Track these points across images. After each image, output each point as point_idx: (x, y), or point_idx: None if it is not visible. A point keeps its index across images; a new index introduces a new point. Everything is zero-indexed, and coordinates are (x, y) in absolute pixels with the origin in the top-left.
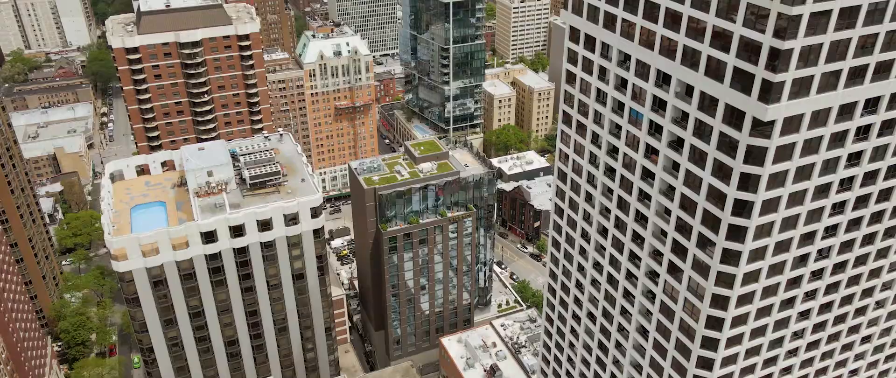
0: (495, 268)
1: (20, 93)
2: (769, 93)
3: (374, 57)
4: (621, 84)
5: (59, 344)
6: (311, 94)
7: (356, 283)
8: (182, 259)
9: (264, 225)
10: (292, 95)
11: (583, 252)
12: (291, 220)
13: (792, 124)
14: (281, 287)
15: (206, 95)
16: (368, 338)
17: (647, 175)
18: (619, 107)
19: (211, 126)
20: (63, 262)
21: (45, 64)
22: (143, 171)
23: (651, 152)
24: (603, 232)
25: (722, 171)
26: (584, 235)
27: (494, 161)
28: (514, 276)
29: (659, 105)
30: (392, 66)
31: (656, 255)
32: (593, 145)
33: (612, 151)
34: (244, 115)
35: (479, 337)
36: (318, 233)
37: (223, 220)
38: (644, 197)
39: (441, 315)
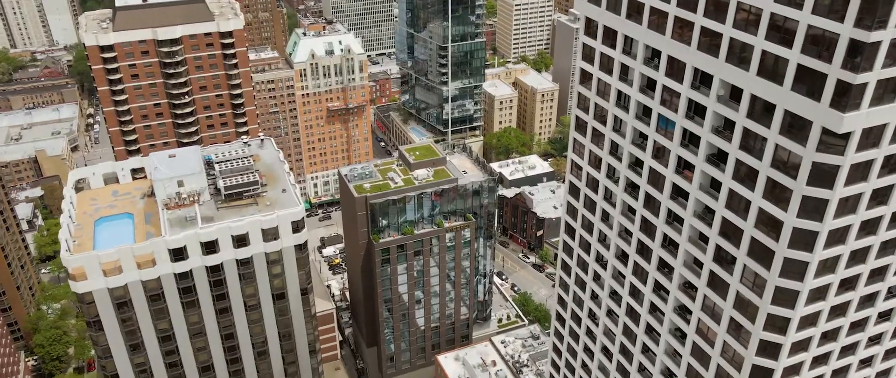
0: (495, 279)
1: (4, 93)
2: (846, 98)
3: (369, 56)
4: (648, 85)
5: (34, 358)
6: (302, 94)
7: (348, 294)
8: (148, 278)
9: (240, 240)
10: (282, 96)
11: (597, 278)
12: (270, 235)
13: (871, 137)
14: (260, 308)
15: (186, 97)
16: (360, 354)
17: (679, 194)
18: (644, 112)
19: (192, 129)
20: (42, 271)
21: (31, 63)
22: (117, 178)
23: (684, 167)
24: (622, 257)
25: (776, 194)
26: (600, 260)
27: (495, 165)
28: (516, 288)
29: (696, 111)
30: (388, 66)
31: (688, 288)
32: (612, 157)
33: (635, 164)
34: (228, 117)
35: (477, 354)
36: (300, 248)
37: (194, 236)
38: (674, 220)
39: (437, 331)
